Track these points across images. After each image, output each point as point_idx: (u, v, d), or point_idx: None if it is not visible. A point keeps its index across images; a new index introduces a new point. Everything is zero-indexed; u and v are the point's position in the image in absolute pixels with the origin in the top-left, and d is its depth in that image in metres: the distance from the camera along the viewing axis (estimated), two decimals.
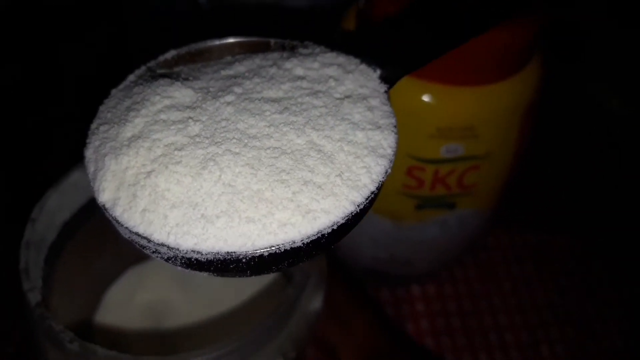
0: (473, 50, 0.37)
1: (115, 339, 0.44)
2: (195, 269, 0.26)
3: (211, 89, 0.29)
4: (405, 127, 0.37)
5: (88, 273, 0.44)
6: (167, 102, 0.28)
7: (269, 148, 0.26)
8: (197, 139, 0.27)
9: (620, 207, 0.68)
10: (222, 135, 0.27)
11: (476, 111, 0.40)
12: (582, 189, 0.69)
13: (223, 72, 0.30)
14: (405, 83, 0.35)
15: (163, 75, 0.30)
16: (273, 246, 0.25)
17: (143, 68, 0.31)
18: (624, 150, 0.72)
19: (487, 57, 0.39)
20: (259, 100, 0.28)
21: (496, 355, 0.56)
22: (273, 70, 0.30)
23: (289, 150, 0.26)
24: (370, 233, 0.50)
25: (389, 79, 0.30)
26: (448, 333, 0.57)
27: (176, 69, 0.31)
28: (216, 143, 0.26)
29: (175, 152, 0.26)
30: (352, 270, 0.56)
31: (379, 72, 0.31)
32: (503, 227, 0.65)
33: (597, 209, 0.68)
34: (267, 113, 0.28)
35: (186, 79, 0.29)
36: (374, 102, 0.29)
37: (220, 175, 0.25)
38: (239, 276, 0.26)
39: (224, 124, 0.27)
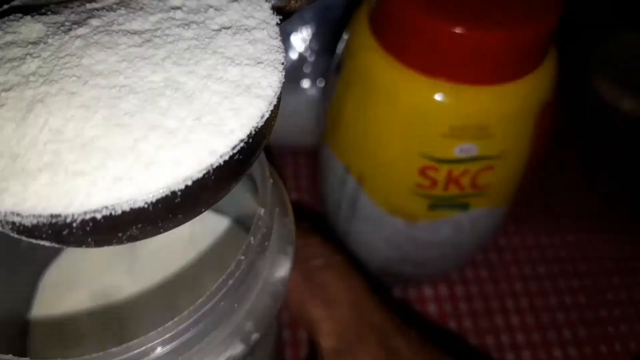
0: (488, 49, 0.36)
1: (60, 328, 0.37)
2: (29, 237, 0.21)
3: (66, 23, 0.23)
4: (419, 126, 0.39)
5: (13, 256, 0.37)
6: (9, 38, 0.23)
7: (115, 87, 0.21)
8: (32, 78, 0.21)
9: (632, 208, 0.65)
10: (60, 72, 0.21)
11: (491, 110, 0.38)
12: (594, 189, 0.67)
13: (88, 5, 0.25)
14: (418, 81, 0.37)
15: (21, 12, 0.24)
16: (106, 206, 0.19)
17: (5, 7, 0.26)
18: (636, 151, 0.69)
19: (502, 56, 0.36)
20: (117, 32, 0.23)
21: (508, 356, 0.53)
22: (146, 0, 0.24)
23: (139, 89, 0.21)
24: (382, 232, 0.48)
25: (283, 10, 0.25)
26: (460, 334, 0.54)
27: (45, 7, 0.25)
28: (50, 82, 0.21)
29: (2, 94, 0.21)
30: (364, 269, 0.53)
31: (272, 1, 0.25)
32: (515, 228, 0.62)
33: (610, 210, 0.65)
34: (123, 47, 0.22)
35: (43, 14, 0.24)
36: (260, 34, 0.24)
37: (47, 120, 0.20)
38: (84, 246, 0.21)
39: (67, 59, 0.22)
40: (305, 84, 0.59)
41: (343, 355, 0.34)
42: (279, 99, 0.23)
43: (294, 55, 0.58)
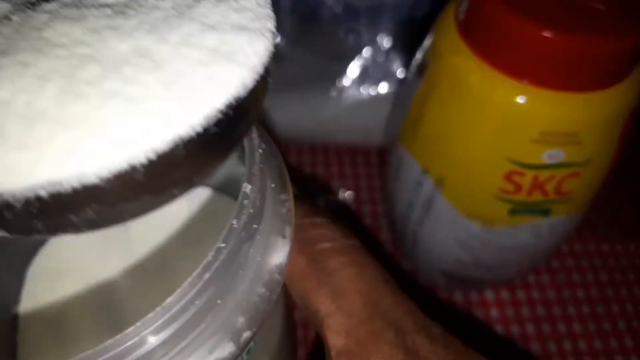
0: (581, 57, 0.35)
1: (51, 320, 0.33)
2: None
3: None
4: (509, 130, 0.38)
5: None
6: None
7: (75, 56, 0.18)
8: None
9: None
10: (18, 45, 0.19)
11: (582, 117, 0.37)
12: None
13: None
14: (511, 86, 0.36)
15: None
16: (51, 181, 0.16)
17: None
18: None
19: (598, 64, 0.35)
20: (89, 6, 0.20)
21: None
22: None
23: (102, 58, 0.18)
24: (456, 235, 0.46)
25: None
26: (522, 339, 0.53)
27: None
28: (6, 54, 0.18)
29: None
30: (427, 271, 0.54)
31: None
32: (576, 234, 0.61)
33: None
34: (90, 18, 0.20)
35: None
36: (247, 2, 0.20)
37: None
38: (36, 234, 0.18)
39: (28, 34, 0.19)
40: (373, 83, 0.58)
41: (353, 357, 0.28)
42: (268, 70, 0.20)
43: (362, 55, 0.57)
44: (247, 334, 0.23)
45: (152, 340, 0.20)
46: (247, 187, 0.23)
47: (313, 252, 0.30)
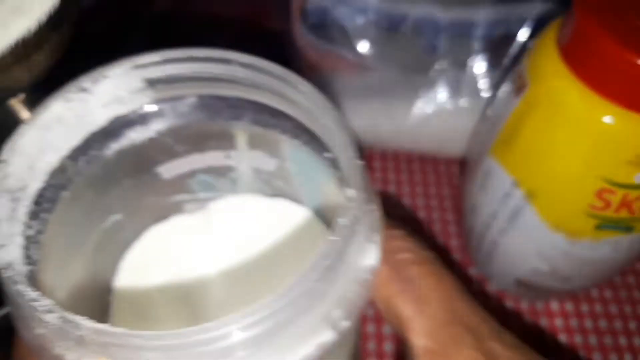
0: None
1: (139, 310, 0.35)
2: None
3: None
4: (606, 152, 0.39)
5: (93, 232, 0.34)
6: None
7: None
8: None
9: None
10: None
11: None
12: None
13: None
14: (611, 111, 0.38)
15: None
16: None
17: None
18: None
19: None
20: None
21: None
22: None
23: None
24: (539, 246, 0.47)
25: None
26: (585, 349, 0.55)
27: None
28: None
29: None
30: (500, 279, 0.55)
31: None
32: None
33: None
34: None
35: None
36: None
37: None
38: None
39: None
40: (452, 95, 0.59)
41: (437, 357, 0.30)
42: None
43: (443, 69, 0.58)
44: (345, 324, 0.25)
45: (269, 321, 0.21)
46: (352, 192, 0.24)
47: (394, 261, 0.32)
